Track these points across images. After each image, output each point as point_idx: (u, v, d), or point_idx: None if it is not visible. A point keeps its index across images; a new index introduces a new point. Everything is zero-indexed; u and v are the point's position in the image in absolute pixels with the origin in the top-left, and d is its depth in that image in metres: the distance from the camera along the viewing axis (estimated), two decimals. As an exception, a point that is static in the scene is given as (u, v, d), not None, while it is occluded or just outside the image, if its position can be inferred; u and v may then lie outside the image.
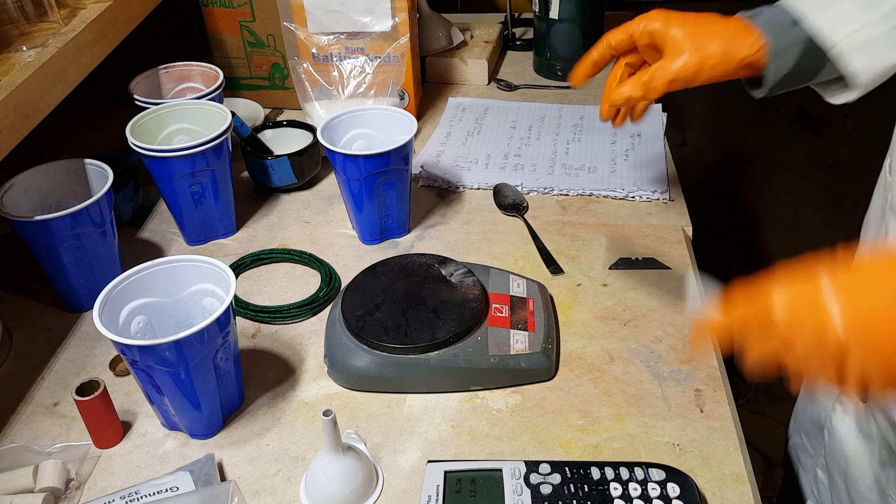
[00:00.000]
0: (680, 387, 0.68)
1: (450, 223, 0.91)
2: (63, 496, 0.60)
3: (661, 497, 0.56)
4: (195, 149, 0.79)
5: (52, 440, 0.65)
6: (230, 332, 0.62)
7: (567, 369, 0.70)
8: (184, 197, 0.84)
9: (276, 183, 0.95)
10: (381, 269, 0.75)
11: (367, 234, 0.87)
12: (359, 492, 0.58)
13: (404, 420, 0.66)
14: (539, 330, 0.70)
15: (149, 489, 0.58)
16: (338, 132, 0.86)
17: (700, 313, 0.48)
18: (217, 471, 0.61)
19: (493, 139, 1.06)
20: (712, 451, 0.62)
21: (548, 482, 0.58)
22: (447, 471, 0.59)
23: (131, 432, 0.66)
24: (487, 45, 1.24)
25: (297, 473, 0.62)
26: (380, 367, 0.67)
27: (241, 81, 1.13)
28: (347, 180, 0.82)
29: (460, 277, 0.73)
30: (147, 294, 0.64)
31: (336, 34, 1.02)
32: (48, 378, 0.72)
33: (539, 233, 0.87)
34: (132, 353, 0.58)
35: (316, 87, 1.03)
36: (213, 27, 1.09)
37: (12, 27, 0.71)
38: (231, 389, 0.66)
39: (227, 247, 0.89)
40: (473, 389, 0.68)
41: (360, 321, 0.69)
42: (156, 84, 0.97)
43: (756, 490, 0.60)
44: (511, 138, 1.06)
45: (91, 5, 0.80)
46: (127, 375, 0.71)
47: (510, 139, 1.06)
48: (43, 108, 0.69)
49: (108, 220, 0.76)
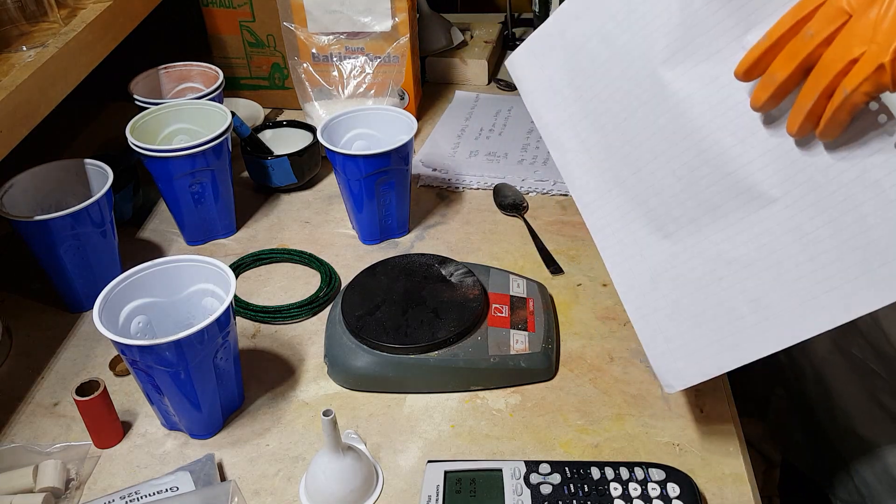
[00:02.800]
0: (680, 387, 0.68)
1: (450, 223, 0.91)
2: (63, 496, 0.60)
3: (661, 497, 0.56)
4: (195, 149, 0.79)
5: (52, 440, 0.65)
6: (230, 332, 0.62)
7: (567, 369, 0.70)
8: (184, 197, 0.84)
9: (276, 183, 0.95)
10: (381, 269, 0.75)
11: (367, 234, 0.87)
12: (359, 492, 0.58)
13: (404, 420, 0.66)
14: (539, 330, 0.70)
15: (149, 489, 0.58)
16: (338, 132, 0.86)
17: None
18: (217, 471, 0.61)
19: (510, 135, 1.07)
20: (712, 451, 0.62)
21: (548, 482, 0.58)
22: (447, 471, 0.59)
23: (131, 432, 0.66)
24: (487, 45, 1.24)
25: (297, 473, 0.62)
26: (380, 367, 0.67)
27: (241, 81, 1.13)
28: (347, 180, 0.82)
29: (460, 277, 0.73)
30: (147, 294, 0.64)
31: (336, 34, 1.02)
32: (48, 378, 0.72)
33: (539, 233, 0.87)
34: (132, 353, 0.58)
35: (316, 87, 1.03)
36: (213, 27, 1.09)
37: (12, 27, 0.71)
38: (231, 389, 0.66)
39: (227, 247, 0.89)
40: (473, 389, 0.68)
41: (360, 321, 0.69)
42: (156, 84, 0.97)
43: (756, 490, 0.60)
44: (530, 132, 1.07)
45: (91, 5, 0.80)
46: (127, 375, 0.71)
47: (529, 133, 1.07)
48: (43, 108, 0.69)
49: (108, 220, 0.76)
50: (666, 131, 0.56)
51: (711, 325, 0.55)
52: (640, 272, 0.60)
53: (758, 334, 0.52)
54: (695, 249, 0.56)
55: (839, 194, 0.48)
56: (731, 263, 0.54)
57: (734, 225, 0.54)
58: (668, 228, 0.58)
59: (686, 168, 0.55)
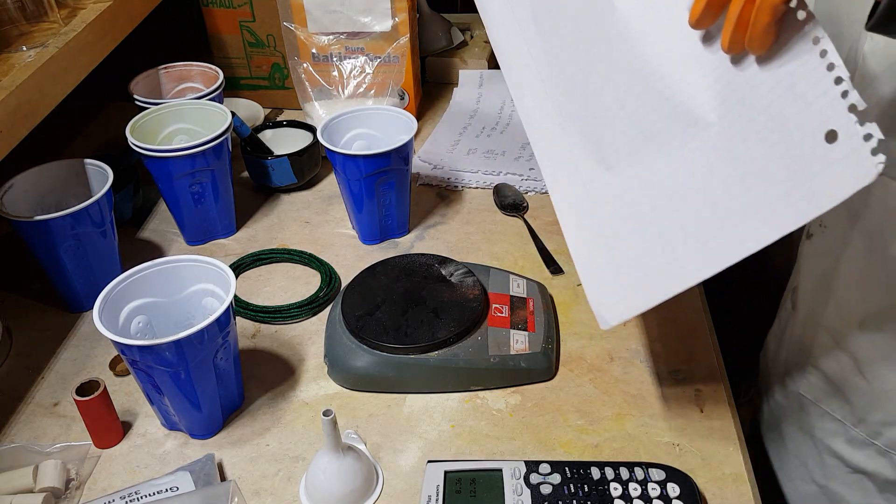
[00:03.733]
0: (680, 387, 0.68)
1: (450, 223, 0.91)
2: (63, 496, 0.60)
3: (661, 497, 0.56)
4: (195, 149, 0.79)
5: (52, 440, 0.65)
6: (230, 332, 0.62)
7: (567, 369, 0.70)
8: (184, 197, 0.84)
9: (276, 183, 0.95)
10: (381, 270, 0.75)
11: (367, 234, 0.87)
12: (359, 492, 0.58)
13: (404, 420, 0.66)
14: (539, 330, 0.70)
15: (149, 489, 0.58)
16: (338, 132, 0.86)
17: None
18: (217, 471, 0.61)
19: (511, 134, 1.07)
20: (712, 451, 0.62)
21: (548, 482, 0.58)
22: (447, 471, 0.59)
23: (131, 432, 0.66)
24: (487, 45, 1.24)
25: (297, 473, 0.62)
26: (380, 367, 0.67)
27: (241, 81, 1.13)
28: (347, 180, 0.82)
29: (460, 277, 0.73)
30: (147, 294, 0.64)
31: (336, 34, 1.02)
32: (48, 378, 0.72)
33: (539, 233, 0.87)
34: (132, 353, 0.58)
35: (316, 87, 1.03)
36: (213, 27, 1.09)
37: (12, 27, 0.71)
38: (231, 389, 0.66)
39: (227, 247, 0.89)
40: (473, 389, 0.68)
41: (360, 321, 0.69)
42: (156, 84, 0.97)
43: (756, 490, 0.60)
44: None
45: (91, 5, 0.80)
46: (127, 375, 0.71)
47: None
48: (43, 108, 0.69)
49: (108, 220, 0.76)
50: (615, 59, 0.56)
51: (648, 257, 0.55)
52: (584, 208, 0.59)
53: (690, 263, 0.52)
54: (635, 181, 0.56)
55: (769, 111, 0.48)
56: (669, 194, 0.54)
57: (672, 153, 0.54)
58: (610, 160, 0.57)
59: (631, 95, 0.55)
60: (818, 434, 0.68)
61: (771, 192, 0.47)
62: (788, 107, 0.47)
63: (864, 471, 0.65)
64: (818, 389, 0.67)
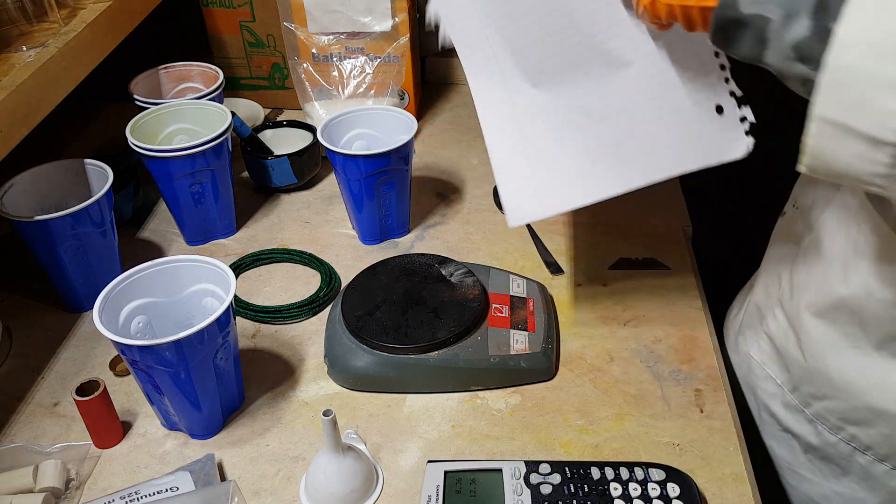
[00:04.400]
0: (680, 387, 0.68)
1: (450, 223, 0.91)
2: (63, 496, 0.60)
3: (661, 497, 0.56)
4: (195, 149, 0.79)
5: (52, 440, 0.65)
6: (230, 332, 0.62)
7: (567, 369, 0.70)
8: (184, 197, 0.84)
9: (276, 183, 0.95)
10: (381, 270, 0.75)
11: (367, 234, 0.87)
12: (359, 492, 0.58)
13: (404, 420, 0.66)
14: (539, 330, 0.70)
15: (149, 489, 0.58)
16: (338, 132, 0.86)
17: None
18: (217, 471, 0.61)
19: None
20: (712, 451, 0.62)
21: (548, 482, 0.58)
22: (447, 471, 0.59)
23: (131, 432, 0.66)
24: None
25: (297, 473, 0.62)
26: (380, 367, 0.67)
27: (241, 81, 1.13)
28: (347, 180, 0.82)
29: (460, 277, 0.73)
30: (147, 294, 0.64)
31: (336, 34, 1.02)
32: (48, 378, 0.72)
33: (539, 233, 0.87)
34: (132, 353, 0.58)
35: (316, 87, 1.03)
36: (213, 27, 1.09)
37: (12, 27, 0.71)
38: (231, 389, 0.66)
39: (227, 247, 0.89)
40: (473, 389, 0.68)
41: (360, 321, 0.69)
42: (156, 84, 0.97)
43: (756, 490, 0.60)
44: None
45: (91, 5, 0.80)
46: (127, 375, 0.71)
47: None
48: (43, 108, 0.69)
49: (108, 220, 0.76)
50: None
51: (565, 167, 0.62)
52: (506, 114, 0.64)
53: (605, 179, 0.60)
54: (559, 101, 0.62)
55: (674, 56, 0.56)
56: (590, 115, 0.61)
57: (594, 82, 0.60)
58: (537, 78, 0.62)
59: (557, 27, 0.60)
60: (760, 394, 0.71)
61: (675, 138, 0.57)
62: (695, 70, 0.55)
63: (793, 433, 0.68)
64: (765, 354, 0.70)
